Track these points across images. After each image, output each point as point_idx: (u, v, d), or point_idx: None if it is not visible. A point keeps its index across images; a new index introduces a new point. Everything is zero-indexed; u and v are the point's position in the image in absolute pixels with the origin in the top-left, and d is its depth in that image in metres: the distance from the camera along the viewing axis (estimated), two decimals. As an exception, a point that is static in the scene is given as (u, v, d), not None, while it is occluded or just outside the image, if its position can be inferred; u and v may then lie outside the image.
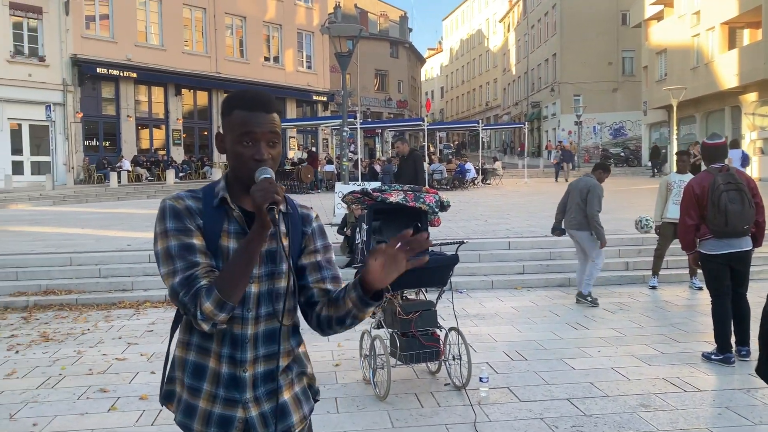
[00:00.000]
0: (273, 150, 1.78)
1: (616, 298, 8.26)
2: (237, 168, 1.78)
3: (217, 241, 1.77)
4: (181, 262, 1.71)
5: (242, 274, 1.67)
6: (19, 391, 5.15)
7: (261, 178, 1.68)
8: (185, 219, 1.75)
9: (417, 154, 11.26)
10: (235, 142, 1.76)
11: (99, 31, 27.86)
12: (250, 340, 1.80)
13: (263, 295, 1.80)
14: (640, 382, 5.07)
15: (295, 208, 1.91)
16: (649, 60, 36.14)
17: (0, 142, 24.68)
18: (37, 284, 8.86)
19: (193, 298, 1.67)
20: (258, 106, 1.76)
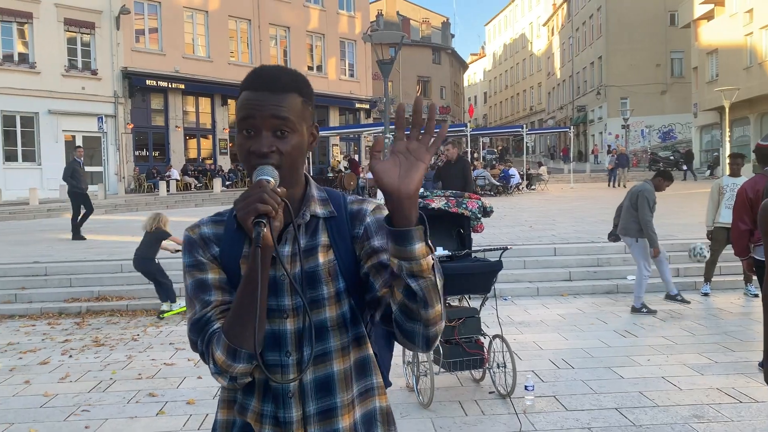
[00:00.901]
0: (282, 142, 1.34)
1: (667, 305, 8.03)
2: (243, 166, 1.42)
3: (237, 271, 1.40)
4: (197, 303, 1.40)
5: (248, 312, 1.29)
6: (72, 395, 5.30)
7: (256, 179, 1.30)
8: (198, 251, 1.43)
9: (465, 159, 11.20)
10: (238, 132, 1.39)
11: (148, 44, 28.65)
12: (294, 393, 1.38)
13: (302, 332, 1.38)
14: (693, 392, 4.90)
15: (342, 207, 1.46)
16: (699, 61, 35.20)
17: (55, 154, 25.57)
18: (90, 290, 9.13)
19: (206, 345, 1.35)
20: (262, 84, 1.35)
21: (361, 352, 1.44)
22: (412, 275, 1.25)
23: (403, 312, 1.31)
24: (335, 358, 1.40)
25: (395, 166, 1.22)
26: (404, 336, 1.35)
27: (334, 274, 1.40)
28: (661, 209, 8.32)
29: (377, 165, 1.23)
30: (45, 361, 6.36)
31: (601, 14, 44.86)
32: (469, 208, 5.16)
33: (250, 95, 1.36)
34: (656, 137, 42.98)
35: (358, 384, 1.44)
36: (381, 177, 1.21)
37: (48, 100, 25.08)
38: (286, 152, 1.34)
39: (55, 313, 8.54)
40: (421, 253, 1.24)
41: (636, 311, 7.64)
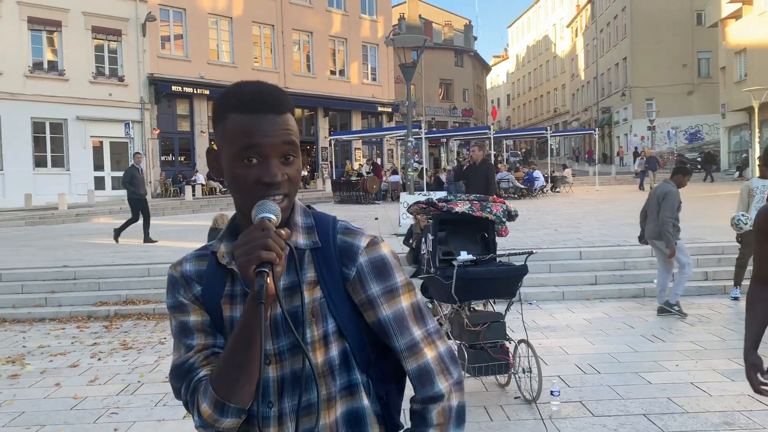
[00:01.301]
0: (289, 168, 1.21)
1: (696, 309, 7.91)
2: (240, 198, 1.22)
3: (220, 312, 1.27)
4: (181, 347, 1.27)
5: (242, 364, 1.15)
6: (101, 397, 5.38)
7: (257, 220, 1.13)
8: (180, 291, 1.30)
9: (490, 162, 11.16)
10: (234, 160, 1.20)
11: (174, 51, 29.04)
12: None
13: (287, 380, 1.24)
14: (723, 399, 4.82)
15: (330, 236, 1.28)
16: (727, 60, 34.64)
17: (83, 159, 26.03)
18: (118, 294, 9.27)
19: (191, 395, 1.22)
20: (263, 105, 1.19)
21: (352, 403, 1.27)
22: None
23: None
24: (321, 410, 1.23)
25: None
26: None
27: (319, 314, 1.24)
28: (689, 212, 8.21)
29: None
30: (74, 363, 6.46)
31: (626, 14, 44.39)
32: (493, 212, 5.14)
33: (248, 119, 1.18)
34: (683, 138, 42.39)
35: (346, 413, 1.26)
36: None
37: (76, 107, 25.54)
38: (294, 178, 1.22)
39: (84, 316, 8.68)
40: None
41: (669, 307, 7.51)
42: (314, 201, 26.77)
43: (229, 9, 30.61)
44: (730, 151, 36.91)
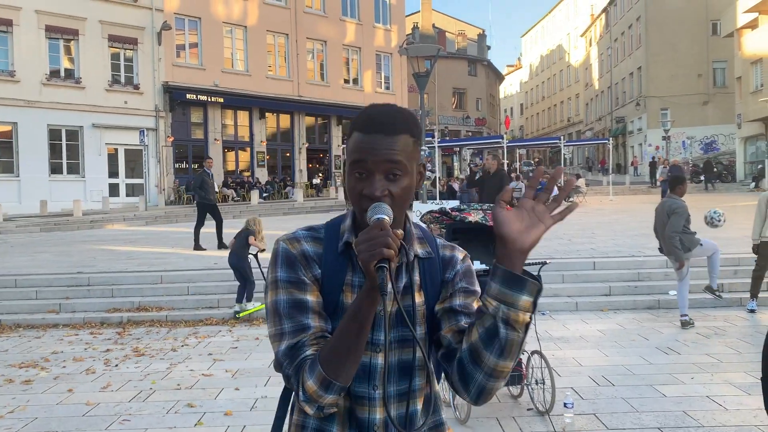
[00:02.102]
0: (394, 184, 1.34)
1: (711, 321, 7.82)
2: (352, 205, 1.40)
3: (337, 297, 1.39)
4: (289, 323, 1.36)
5: (351, 347, 1.28)
6: (113, 404, 5.40)
7: (373, 220, 1.27)
8: (299, 268, 1.39)
9: (504, 172, 11.14)
10: (348, 172, 1.38)
11: (188, 59, 29.28)
12: (379, 426, 1.41)
13: (393, 368, 1.41)
14: (740, 413, 4.75)
15: (437, 250, 1.49)
16: (743, 70, 34.40)
17: (98, 166, 26.26)
18: (131, 301, 9.31)
19: (296, 372, 1.33)
20: (375, 126, 1.35)
21: (431, 389, 1.46)
22: (506, 322, 1.27)
23: (471, 353, 1.32)
24: (418, 397, 1.44)
25: (518, 220, 1.26)
26: (460, 378, 1.36)
27: (423, 316, 1.43)
28: (702, 224, 8.12)
29: (501, 214, 1.26)
30: (88, 370, 6.49)
31: (641, 24, 44.25)
32: (506, 222, 5.11)
33: (362, 138, 1.35)
34: (698, 149, 42.09)
35: (430, 420, 1.48)
36: (502, 225, 1.25)
37: (92, 114, 25.80)
38: (397, 195, 1.34)
39: (97, 322, 8.73)
40: (525, 306, 1.27)
41: (711, 292, 7.92)
42: (327, 209, 26.80)
43: (244, 18, 30.84)
44: (746, 162, 36.58)
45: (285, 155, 33.87)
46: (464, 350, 1.34)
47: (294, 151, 33.69)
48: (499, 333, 1.27)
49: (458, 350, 1.37)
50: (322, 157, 36.29)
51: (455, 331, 1.41)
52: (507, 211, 1.26)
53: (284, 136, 33.61)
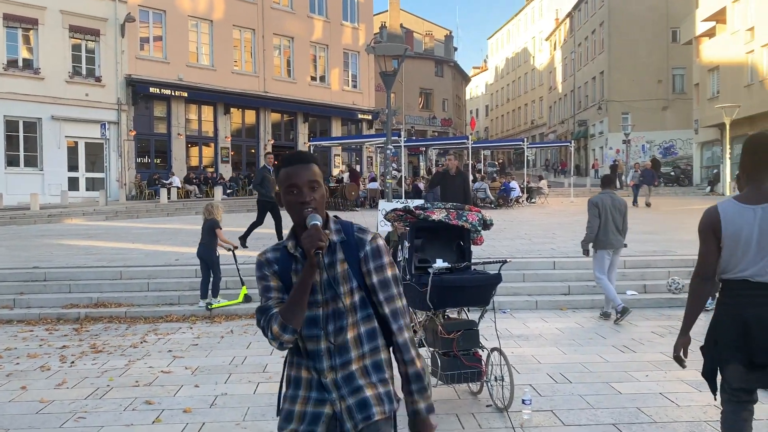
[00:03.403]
0: (315, 193, 2.13)
1: (666, 321, 8.03)
2: (292, 215, 2.15)
3: (289, 278, 2.18)
4: (263, 299, 2.19)
5: (298, 303, 2.07)
6: (68, 401, 5.29)
7: (310, 225, 2.05)
8: (264, 268, 2.21)
9: (465, 173, 11.25)
10: (284, 193, 2.15)
11: (152, 52, 28.79)
12: (324, 353, 2.15)
13: (329, 315, 2.14)
14: (691, 409, 4.90)
15: (351, 235, 2.19)
16: (700, 77, 35.34)
17: (57, 159, 25.65)
18: (89, 297, 9.13)
19: (266, 322, 2.12)
20: (297, 160, 2.16)
21: (371, 325, 2.19)
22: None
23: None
24: (348, 331, 2.15)
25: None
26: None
27: (347, 277, 2.14)
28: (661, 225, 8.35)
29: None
30: (42, 366, 6.35)
31: (604, 30, 45.08)
32: (469, 221, 5.18)
33: (290, 169, 2.14)
34: (657, 153, 43.06)
35: (369, 344, 2.19)
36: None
37: (51, 106, 25.19)
38: (318, 199, 2.14)
39: (53, 318, 8.54)
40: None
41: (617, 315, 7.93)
42: (291, 206, 26.63)
43: (210, 12, 30.47)
44: (703, 166, 37.60)
45: (250, 152, 33.56)
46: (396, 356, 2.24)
47: (259, 147, 33.40)
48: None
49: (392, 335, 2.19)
50: (288, 155, 36.05)
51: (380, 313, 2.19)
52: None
53: (249, 132, 33.31)
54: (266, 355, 6.65)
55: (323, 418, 2.14)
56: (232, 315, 8.61)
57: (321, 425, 2.13)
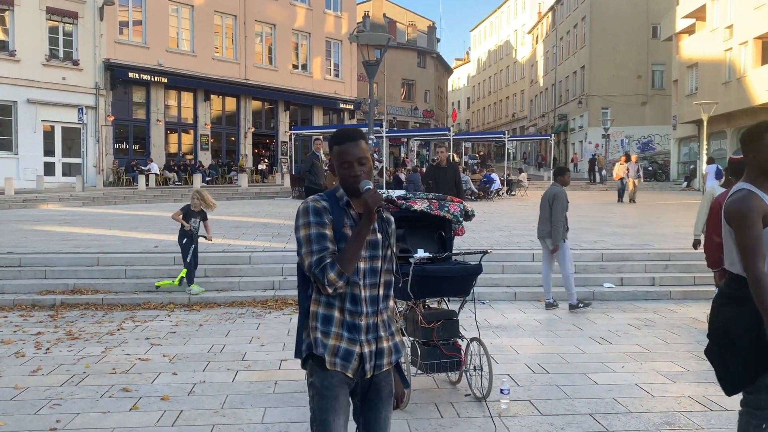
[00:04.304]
0: (364, 167, 2.52)
1: (642, 313, 8.14)
2: (343, 183, 2.55)
3: (341, 230, 2.49)
4: (317, 245, 2.44)
5: (355, 254, 2.44)
6: (43, 388, 5.23)
7: (365, 189, 2.45)
8: (323, 215, 2.48)
9: (455, 164, 11.27)
10: (338, 166, 2.54)
11: (132, 37, 28.37)
12: (363, 299, 2.52)
13: (367, 270, 2.54)
14: (665, 400, 4.97)
15: (381, 212, 2.57)
16: (679, 74, 35.72)
17: (33, 144, 25.21)
18: (65, 283, 9.00)
19: (321, 271, 2.40)
20: (348, 138, 2.54)
21: (390, 277, 2.67)
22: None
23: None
24: (379, 287, 2.58)
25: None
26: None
27: (381, 244, 2.57)
28: (637, 219, 8.44)
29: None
30: (17, 353, 6.26)
31: (586, 24, 45.32)
32: (451, 211, 5.19)
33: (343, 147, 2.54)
34: (635, 148, 43.51)
35: (385, 302, 2.63)
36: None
37: (27, 89, 24.73)
38: (367, 172, 2.53)
39: (28, 305, 8.41)
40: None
41: (575, 309, 8.14)
42: (272, 195, 26.52)
43: (191, -3, 30.07)
44: (680, 162, 38.07)
45: (230, 139, 33.29)
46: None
47: (239, 135, 33.15)
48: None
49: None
50: (269, 143, 35.82)
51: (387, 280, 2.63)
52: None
53: (230, 120, 33.02)
54: (245, 344, 6.62)
55: (354, 356, 2.51)
56: (210, 303, 8.56)
57: (353, 361, 2.51)
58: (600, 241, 11.60)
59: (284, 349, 6.39)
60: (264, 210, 19.26)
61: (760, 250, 2.94)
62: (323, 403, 2.51)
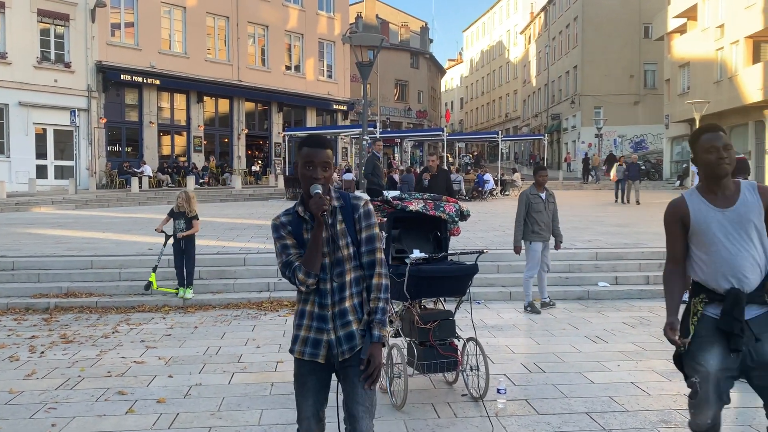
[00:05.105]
0: (326, 172, 2.76)
1: (637, 312, 8.17)
2: (303, 185, 2.78)
3: (302, 237, 2.80)
4: (283, 255, 2.80)
5: (314, 254, 2.72)
6: (38, 392, 5.20)
7: (314, 192, 2.70)
8: (280, 229, 2.82)
9: (445, 170, 11.29)
10: (302, 167, 2.77)
11: (124, 39, 28.27)
12: (329, 291, 2.79)
13: (333, 263, 2.79)
14: (661, 398, 4.99)
15: (348, 200, 2.85)
16: (671, 73, 35.86)
17: (25, 147, 25.08)
18: (59, 286, 8.97)
19: (292, 273, 2.76)
20: (316, 144, 2.78)
21: (358, 272, 2.86)
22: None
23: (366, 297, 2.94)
24: (346, 275, 2.81)
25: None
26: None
27: (345, 233, 2.81)
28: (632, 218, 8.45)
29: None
30: (11, 357, 6.23)
31: (578, 24, 45.44)
32: (446, 211, 5.19)
33: (311, 150, 2.77)
34: (628, 147, 43.65)
35: (356, 287, 2.85)
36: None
37: (19, 92, 24.61)
38: (328, 177, 2.78)
39: (21, 308, 8.37)
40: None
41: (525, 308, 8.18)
42: (266, 197, 26.47)
43: (183, -2, 30.00)
44: (672, 161, 38.21)
45: (223, 141, 33.21)
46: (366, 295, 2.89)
47: (233, 137, 33.07)
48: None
49: (369, 277, 2.87)
50: (262, 144, 35.75)
51: (363, 261, 2.85)
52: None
53: (223, 121, 32.94)
54: (241, 346, 6.61)
55: (322, 344, 2.80)
56: (206, 305, 8.54)
57: (321, 349, 2.80)
58: (594, 240, 11.63)
59: (280, 351, 6.37)
60: (258, 212, 19.22)
61: (669, 252, 3.17)
62: (296, 387, 2.89)
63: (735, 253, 2.97)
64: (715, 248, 3.00)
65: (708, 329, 3.05)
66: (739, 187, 3.07)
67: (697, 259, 3.08)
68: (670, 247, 3.17)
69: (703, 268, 3.06)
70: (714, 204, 3.03)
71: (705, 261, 3.04)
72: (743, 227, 2.98)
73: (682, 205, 3.10)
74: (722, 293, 3.00)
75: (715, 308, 3.04)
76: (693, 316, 3.11)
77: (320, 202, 2.65)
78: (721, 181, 3.03)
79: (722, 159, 2.98)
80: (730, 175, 3.07)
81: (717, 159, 2.99)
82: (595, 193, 29.61)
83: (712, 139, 3.01)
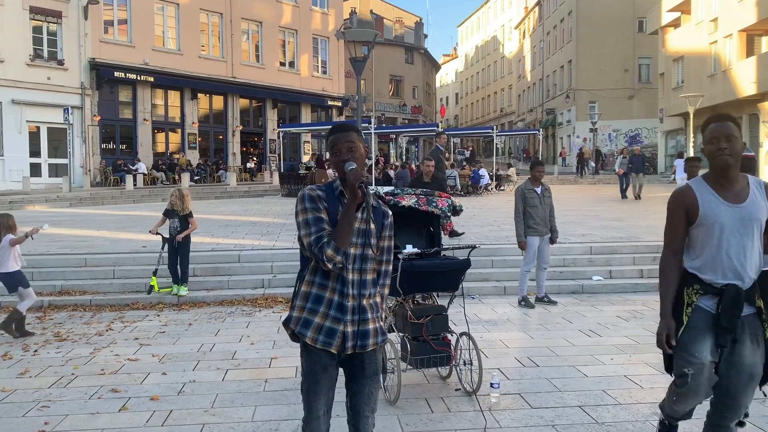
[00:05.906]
0: (353, 153, 2.78)
1: (630, 305, 8.19)
2: (338, 172, 2.79)
3: (336, 217, 2.74)
4: (314, 227, 2.70)
5: (346, 229, 2.68)
6: (31, 390, 5.19)
7: (349, 168, 2.71)
8: (317, 202, 2.75)
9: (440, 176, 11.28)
10: (331, 153, 2.83)
11: (117, 36, 28.15)
12: (350, 282, 2.77)
13: (358, 256, 2.77)
14: (654, 391, 5.01)
15: (380, 205, 2.91)
16: (665, 67, 35.91)
17: (18, 145, 24.97)
18: (52, 285, 8.94)
19: (320, 249, 2.66)
20: (341, 130, 2.85)
21: (375, 276, 2.88)
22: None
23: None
24: (368, 274, 2.82)
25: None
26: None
27: (374, 234, 2.81)
28: (627, 212, 8.47)
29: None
30: (4, 355, 6.21)
31: (572, 19, 45.44)
32: (439, 207, 5.19)
33: (334, 137, 2.84)
34: (623, 141, 43.71)
35: (374, 287, 2.86)
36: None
37: (11, 90, 24.48)
38: (356, 156, 2.81)
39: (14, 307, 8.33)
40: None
41: (520, 302, 8.22)
42: (261, 194, 26.43)
43: (176, -5, 29.87)
44: (667, 155, 38.29)
45: (218, 138, 33.13)
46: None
47: (227, 133, 32.99)
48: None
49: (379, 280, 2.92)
50: (257, 141, 35.68)
51: (378, 269, 2.90)
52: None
53: (217, 118, 32.86)
54: (235, 342, 6.60)
55: (338, 334, 2.76)
56: (200, 302, 8.52)
57: (336, 339, 2.76)
58: (588, 235, 11.65)
59: (274, 347, 6.37)
60: (253, 208, 19.20)
61: (669, 241, 3.12)
62: (307, 385, 2.85)
63: (738, 250, 2.95)
64: (720, 242, 2.97)
65: (702, 321, 3.02)
66: (748, 183, 3.03)
67: (697, 249, 3.05)
68: (671, 235, 3.11)
69: (701, 259, 3.03)
70: (724, 198, 2.98)
71: (706, 253, 3.01)
72: (750, 224, 2.96)
73: (689, 194, 3.04)
74: (718, 287, 2.98)
75: (708, 300, 3.02)
76: (687, 307, 3.07)
77: (357, 173, 2.65)
78: (728, 174, 2.98)
79: (721, 150, 2.93)
80: (737, 168, 3.00)
81: (716, 150, 2.95)
82: (590, 188, 29.65)
83: (715, 129, 2.97)
